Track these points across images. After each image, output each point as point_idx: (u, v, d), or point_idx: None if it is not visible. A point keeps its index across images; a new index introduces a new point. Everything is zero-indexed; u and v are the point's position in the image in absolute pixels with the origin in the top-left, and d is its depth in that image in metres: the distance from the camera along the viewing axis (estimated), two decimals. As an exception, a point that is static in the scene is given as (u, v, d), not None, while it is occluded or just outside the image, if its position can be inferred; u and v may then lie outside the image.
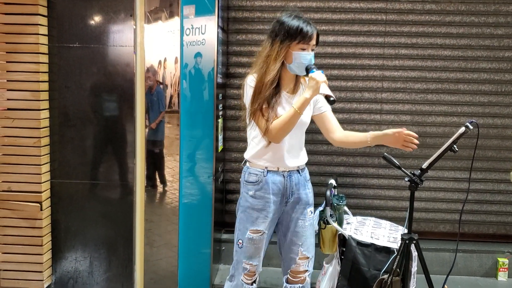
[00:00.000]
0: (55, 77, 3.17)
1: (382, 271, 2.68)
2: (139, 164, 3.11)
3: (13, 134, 3.08)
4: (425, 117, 3.58)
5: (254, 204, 2.33)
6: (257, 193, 2.32)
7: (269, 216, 2.33)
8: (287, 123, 2.18)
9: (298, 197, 2.37)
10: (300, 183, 2.36)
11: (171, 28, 2.96)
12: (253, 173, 2.34)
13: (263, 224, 2.33)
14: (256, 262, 2.37)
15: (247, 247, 2.35)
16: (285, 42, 2.19)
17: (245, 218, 2.36)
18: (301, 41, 2.18)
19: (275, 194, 2.32)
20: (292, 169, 2.34)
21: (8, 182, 3.12)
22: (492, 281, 3.48)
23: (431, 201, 3.63)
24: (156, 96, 3.03)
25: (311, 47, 2.22)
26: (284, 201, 2.35)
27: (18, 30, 3.01)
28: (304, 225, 2.38)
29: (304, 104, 2.15)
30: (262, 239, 2.35)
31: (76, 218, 3.26)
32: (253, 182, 2.33)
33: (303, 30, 2.17)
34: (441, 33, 3.52)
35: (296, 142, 2.35)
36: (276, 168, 2.32)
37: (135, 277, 3.20)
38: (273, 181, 2.31)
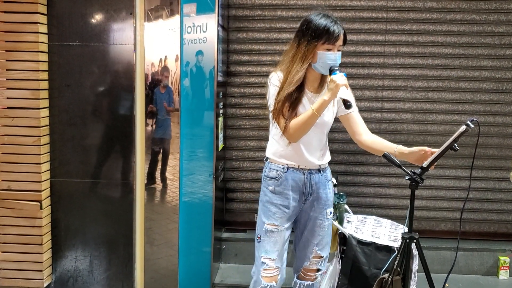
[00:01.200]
0: (55, 76, 3.16)
1: (383, 270, 2.67)
2: (139, 162, 3.11)
3: (13, 133, 3.08)
4: (426, 115, 3.57)
5: (273, 199, 2.34)
6: (276, 189, 2.33)
7: (287, 212, 2.34)
8: (305, 123, 2.19)
9: (317, 196, 2.36)
10: (320, 182, 2.36)
11: (171, 26, 2.96)
12: (273, 169, 2.35)
13: (280, 219, 2.34)
14: (275, 256, 2.33)
15: (264, 241, 2.35)
16: (312, 42, 2.17)
17: (263, 212, 2.38)
18: (327, 41, 2.16)
19: (294, 191, 2.33)
20: (313, 167, 2.34)
21: (8, 181, 3.12)
22: (493, 279, 3.47)
23: (432, 199, 3.62)
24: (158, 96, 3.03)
25: (337, 48, 2.20)
26: (303, 199, 2.36)
27: (18, 29, 3.00)
28: (322, 225, 2.40)
29: (323, 105, 2.15)
30: (279, 233, 2.34)
31: (76, 216, 3.26)
32: (273, 178, 2.34)
33: (329, 30, 2.15)
34: (442, 31, 3.51)
35: (317, 141, 2.34)
36: (297, 165, 2.32)
37: (135, 276, 3.20)
38: (293, 178, 2.31)
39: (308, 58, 2.20)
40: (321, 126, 2.31)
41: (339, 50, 2.22)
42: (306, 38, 2.19)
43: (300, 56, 2.20)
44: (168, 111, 3.04)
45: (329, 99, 2.13)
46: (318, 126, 2.27)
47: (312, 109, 2.16)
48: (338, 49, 2.21)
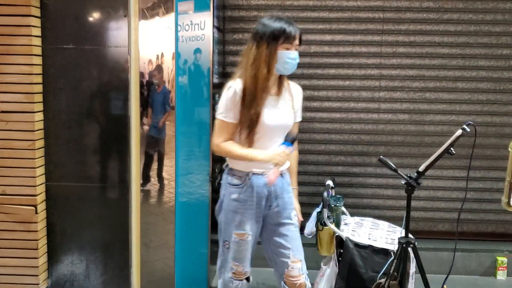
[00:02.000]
0: (49, 79, 3.13)
1: (380, 273, 2.66)
2: (135, 164, 3.09)
3: (7, 137, 3.06)
4: (423, 115, 3.55)
5: (237, 207, 2.30)
6: (240, 197, 2.29)
7: (253, 218, 2.32)
8: (239, 157, 2.23)
9: (282, 200, 2.34)
10: (284, 187, 2.35)
11: (167, 24, 2.93)
12: (236, 176, 2.31)
13: (247, 227, 2.32)
14: (243, 263, 2.36)
15: (233, 249, 2.34)
16: (272, 43, 2.18)
17: (228, 221, 2.34)
18: (285, 41, 2.18)
19: (259, 197, 2.30)
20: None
21: (3, 186, 3.10)
22: (491, 280, 3.46)
23: (429, 200, 3.61)
24: (153, 96, 3.01)
25: (295, 47, 2.22)
26: (268, 205, 2.33)
27: (11, 32, 2.98)
28: (292, 229, 2.37)
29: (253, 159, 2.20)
30: (248, 242, 2.33)
31: (71, 220, 3.24)
32: (237, 185, 2.30)
33: (286, 30, 2.18)
34: (439, 31, 3.49)
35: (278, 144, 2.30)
36: (261, 172, 2.28)
37: (132, 279, 3.18)
38: (257, 185, 2.28)
39: (273, 60, 2.19)
40: (282, 129, 2.31)
41: (296, 50, 2.24)
42: (264, 40, 2.18)
43: (264, 59, 2.18)
44: (163, 110, 3.02)
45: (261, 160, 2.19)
46: (280, 129, 2.29)
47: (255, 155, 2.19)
48: (296, 49, 2.24)
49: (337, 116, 3.58)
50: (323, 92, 3.57)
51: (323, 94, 3.57)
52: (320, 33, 3.53)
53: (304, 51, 3.54)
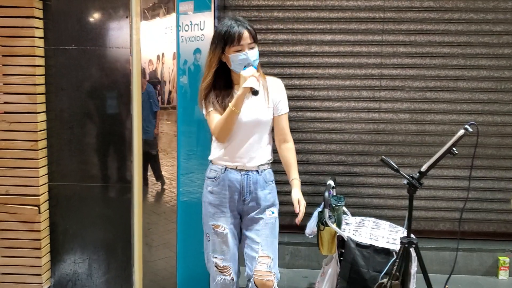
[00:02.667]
0: (51, 80, 3.15)
1: (382, 273, 2.67)
2: (137, 164, 3.10)
3: (10, 138, 3.07)
4: (424, 115, 3.56)
5: (211, 200, 2.41)
6: (214, 189, 2.40)
7: (227, 212, 2.39)
8: (225, 121, 2.27)
9: (256, 196, 2.38)
10: (258, 183, 2.38)
11: (168, 25, 2.94)
12: (213, 169, 2.42)
13: (221, 219, 2.39)
14: (222, 256, 2.41)
15: (212, 241, 2.42)
16: (217, 49, 2.30)
17: (206, 212, 2.45)
18: (231, 44, 2.25)
19: (231, 191, 2.37)
20: (250, 168, 2.37)
21: (6, 186, 3.11)
22: (492, 280, 3.46)
23: (431, 199, 3.61)
24: (155, 96, 3.02)
25: (248, 46, 2.27)
26: (241, 199, 2.38)
27: (14, 33, 2.99)
28: (263, 223, 2.40)
29: (238, 100, 2.22)
30: (225, 235, 2.39)
31: (74, 220, 3.26)
32: (212, 178, 2.41)
33: (229, 33, 2.25)
34: (440, 30, 3.49)
35: (256, 141, 2.37)
36: (235, 166, 2.37)
37: (134, 278, 3.19)
38: (229, 179, 2.36)
39: (214, 64, 2.31)
40: (256, 124, 2.35)
41: (251, 48, 2.28)
42: (212, 46, 2.33)
43: (208, 63, 2.34)
44: (165, 110, 3.03)
45: (242, 92, 2.21)
46: (252, 125, 2.33)
47: (230, 106, 2.24)
48: (250, 47, 2.28)
49: (337, 116, 3.59)
50: (324, 92, 3.58)
51: (323, 94, 3.58)
52: (320, 33, 3.54)
53: (305, 51, 3.55)
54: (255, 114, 2.34)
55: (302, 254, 3.52)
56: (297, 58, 3.56)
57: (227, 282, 2.43)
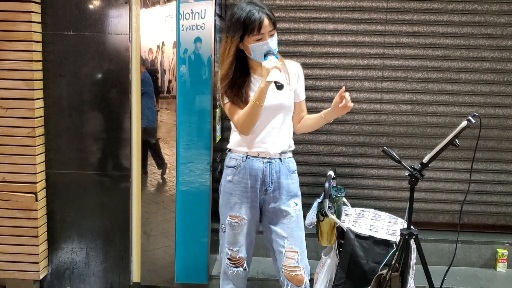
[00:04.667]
0: (49, 66, 3.10)
1: (381, 264, 2.66)
2: (135, 152, 3.08)
3: (7, 124, 3.03)
4: (426, 106, 3.53)
5: (231, 189, 2.33)
6: (235, 178, 2.32)
7: (247, 202, 2.32)
8: (249, 114, 2.18)
9: (278, 185, 2.32)
10: (281, 172, 2.32)
11: (168, 13, 2.91)
12: (233, 158, 2.34)
13: (241, 210, 2.32)
14: (237, 248, 2.36)
15: (228, 233, 2.37)
16: (235, 37, 2.16)
17: (224, 203, 2.38)
18: (251, 33, 2.13)
19: (253, 180, 2.30)
20: (272, 156, 2.30)
21: (2, 173, 3.08)
22: (491, 272, 3.46)
23: (430, 191, 3.60)
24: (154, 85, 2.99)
25: (268, 35, 2.16)
26: (263, 188, 2.32)
27: (10, 17, 2.93)
28: (288, 216, 2.33)
29: (261, 94, 2.13)
30: (242, 225, 2.33)
31: (72, 208, 3.23)
32: (232, 167, 2.33)
33: (249, 21, 2.11)
34: (443, 21, 3.45)
35: (278, 126, 2.30)
36: (256, 154, 2.29)
37: (132, 267, 3.18)
38: (251, 167, 2.29)
39: (232, 54, 2.17)
40: (278, 109, 2.28)
41: (272, 36, 2.17)
42: (230, 33, 2.18)
43: (226, 53, 2.20)
44: (165, 99, 3.00)
45: (265, 85, 2.10)
46: (277, 109, 2.27)
47: (253, 100, 2.14)
48: (271, 35, 2.17)
49: (339, 106, 3.55)
50: (325, 82, 3.55)
51: (325, 84, 3.55)
52: (323, 22, 3.49)
53: (307, 40, 3.51)
54: (278, 98, 2.25)
55: (301, 244, 3.51)
56: (298, 47, 3.53)
57: (239, 273, 2.39)
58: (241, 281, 2.45)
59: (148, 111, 3.03)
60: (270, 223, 2.37)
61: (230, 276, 2.42)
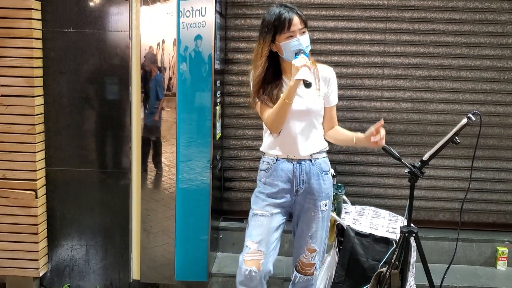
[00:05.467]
0: (49, 63, 3.11)
1: (381, 262, 2.66)
2: (135, 149, 3.08)
3: (7, 121, 3.03)
4: (426, 104, 3.52)
5: (263, 189, 2.38)
6: (267, 180, 2.37)
7: (276, 201, 2.35)
8: (278, 113, 2.21)
9: (309, 186, 2.35)
10: (312, 173, 2.34)
11: (169, 10, 2.90)
12: (265, 161, 2.40)
13: (268, 206, 2.35)
14: (258, 239, 2.31)
15: (250, 225, 2.38)
16: (267, 37, 2.22)
17: (254, 202, 2.41)
18: (282, 31, 2.18)
19: (283, 181, 2.34)
20: (303, 157, 2.33)
21: (3, 170, 3.08)
22: (491, 270, 3.46)
23: (431, 189, 3.60)
24: (155, 82, 2.98)
25: (299, 32, 2.20)
26: (294, 189, 2.35)
27: (11, 14, 2.94)
28: (316, 217, 2.38)
29: (290, 91, 2.16)
30: (265, 217, 2.34)
31: (72, 205, 3.24)
32: (264, 170, 2.39)
33: (279, 20, 2.17)
34: (444, 18, 3.44)
35: (306, 131, 2.33)
36: (286, 156, 2.33)
37: (132, 264, 3.18)
38: (281, 168, 2.33)
39: (265, 53, 2.24)
40: (306, 113, 2.31)
41: (303, 33, 2.22)
42: (262, 34, 2.25)
43: (259, 52, 2.26)
44: (164, 96, 3.00)
45: (294, 83, 2.13)
46: (303, 113, 2.29)
47: (282, 98, 2.18)
48: (302, 32, 2.21)
49: (339, 104, 3.46)
50: (326, 80, 3.54)
51: (325, 82, 3.54)
52: (323, 19, 3.49)
53: (307, 38, 3.50)
54: (306, 103, 2.29)
55: (301, 242, 3.51)
56: (299, 44, 3.51)
57: (252, 274, 2.31)
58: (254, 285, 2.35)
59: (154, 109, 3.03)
60: (298, 221, 2.44)
61: (243, 276, 2.34)
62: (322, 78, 2.36)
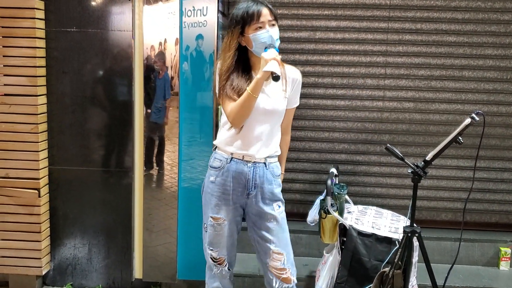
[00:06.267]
0: (52, 62, 3.11)
1: (384, 262, 2.66)
2: (138, 149, 3.09)
3: (10, 120, 3.04)
4: (428, 104, 3.52)
5: (213, 190, 2.32)
6: (217, 179, 2.31)
7: (229, 204, 2.32)
8: (243, 106, 2.16)
9: (262, 190, 2.30)
10: (265, 177, 2.30)
11: (171, 10, 2.91)
12: (218, 159, 2.32)
13: (222, 212, 2.32)
14: (217, 248, 2.37)
15: (209, 233, 2.37)
16: (235, 30, 2.19)
17: (205, 203, 2.38)
18: (251, 21, 2.15)
19: (235, 183, 2.29)
20: (258, 160, 2.29)
21: (6, 169, 3.09)
22: (493, 270, 3.45)
23: (433, 189, 3.59)
24: (157, 82, 2.99)
25: (268, 24, 2.17)
26: (245, 192, 2.30)
27: (14, 14, 2.95)
28: (272, 219, 2.33)
29: (257, 84, 2.12)
30: (223, 227, 2.34)
31: (74, 204, 3.24)
32: (216, 168, 2.32)
33: (247, 12, 2.15)
34: (446, 18, 3.44)
35: (267, 131, 2.28)
36: (241, 156, 2.27)
37: (134, 263, 3.19)
38: (235, 170, 2.28)
39: (233, 45, 2.20)
40: (271, 113, 2.27)
41: (273, 25, 2.19)
42: (231, 28, 2.22)
43: (228, 45, 2.22)
44: (166, 96, 3.00)
45: (262, 76, 2.10)
46: (268, 113, 2.25)
47: (248, 90, 2.13)
48: (272, 25, 2.19)
49: (341, 104, 3.55)
50: (328, 79, 3.54)
51: (327, 81, 3.54)
52: (325, 19, 3.49)
53: (309, 37, 3.51)
54: (273, 103, 2.25)
55: (303, 242, 3.51)
56: (301, 44, 3.52)
57: (223, 272, 2.42)
58: (226, 281, 2.47)
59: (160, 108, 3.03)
60: (255, 224, 2.37)
61: (216, 275, 2.44)
62: (289, 79, 2.32)
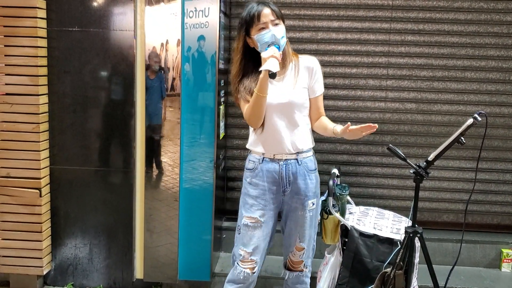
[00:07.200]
0: (54, 62, 3.12)
1: (385, 263, 2.65)
2: (139, 149, 3.08)
3: (12, 120, 3.05)
4: (430, 105, 3.51)
5: (250, 191, 2.36)
6: (253, 180, 2.35)
7: (265, 205, 2.34)
8: (253, 107, 2.20)
9: (296, 187, 2.34)
10: (298, 173, 2.33)
11: (173, 11, 2.91)
12: (251, 160, 2.38)
13: (257, 212, 2.34)
14: (251, 249, 2.36)
15: (242, 234, 2.39)
16: (241, 32, 2.26)
17: (242, 204, 2.41)
18: (253, 23, 2.19)
19: (270, 182, 2.33)
20: (288, 157, 2.31)
21: (7, 168, 3.09)
22: (495, 272, 3.44)
23: (435, 190, 3.58)
24: (159, 82, 2.99)
25: (271, 23, 2.20)
26: (281, 190, 2.34)
27: (16, 13, 2.95)
28: (303, 216, 2.38)
29: (261, 84, 2.15)
30: (257, 227, 2.35)
31: (75, 204, 3.24)
32: (250, 169, 2.37)
33: (249, 14, 2.21)
34: (449, 19, 3.43)
35: (290, 125, 2.31)
36: (272, 155, 2.31)
37: (135, 263, 3.19)
38: (267, 169, 2.32)
39: (240, 47, 2.28)
40: (288, 106, 2.28)
41: (276, 25, 2.21)
42: (237, 31, 2.30)
43: (235, 48, 2.31)
44: (169, 96, 3.00)
45: (263, 75, 2.13)
46: (285, 107, 2.27)
47: (255, 91, 2.17)
48: (275, 24, 2.21)
49: (343, 104, 3.55)
50: (330, 80, 3.53)
51: (329, 82, 3.53)
52: (327, 19, 3.48)
53: (311, 38, 3.50)
54: (287, 95, 2.27)
55: (304, 242, 3.50)
56: (303, 44, 3.51)
57: (245, 275, 2.39)
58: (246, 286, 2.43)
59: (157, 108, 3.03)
60: (286, 220, 2.45)
61: (239, 275, 2.39)
62: (304, 68, 2.34)
